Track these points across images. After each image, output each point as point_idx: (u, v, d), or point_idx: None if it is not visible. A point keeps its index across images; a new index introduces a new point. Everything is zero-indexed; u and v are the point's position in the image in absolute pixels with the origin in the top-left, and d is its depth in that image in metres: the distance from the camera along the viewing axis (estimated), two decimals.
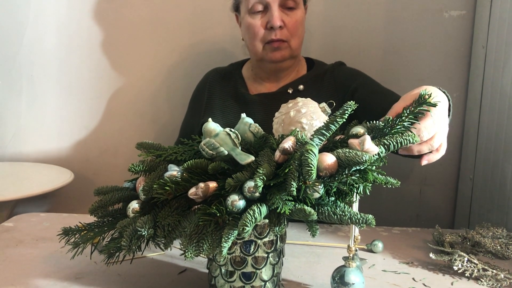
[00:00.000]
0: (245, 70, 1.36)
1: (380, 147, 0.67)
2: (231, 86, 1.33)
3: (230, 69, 1.37)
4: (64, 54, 1.68)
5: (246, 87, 1.32)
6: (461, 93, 1.57)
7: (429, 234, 1.09)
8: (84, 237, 0.77)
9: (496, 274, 0.86)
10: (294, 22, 1.20)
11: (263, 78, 1.31)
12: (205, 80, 1.38)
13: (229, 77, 1.35)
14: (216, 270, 0.75)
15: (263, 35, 1.20)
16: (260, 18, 1.20)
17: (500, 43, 1.34)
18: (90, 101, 1.70)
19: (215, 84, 1.35)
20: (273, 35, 1.18)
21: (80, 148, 1.73)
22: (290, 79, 1.29)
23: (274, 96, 1.26)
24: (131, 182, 0.82)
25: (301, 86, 1.26)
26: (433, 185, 1.63)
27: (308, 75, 1.29)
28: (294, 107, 0.77)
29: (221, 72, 1.37)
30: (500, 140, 1.32)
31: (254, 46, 1.22)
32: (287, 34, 1.19)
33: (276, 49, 1.20)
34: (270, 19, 1.17)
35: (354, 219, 0.64)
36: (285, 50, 1.21)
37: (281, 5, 1.18)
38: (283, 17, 1.18)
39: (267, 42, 1.20)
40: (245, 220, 0.61)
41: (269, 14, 1.18)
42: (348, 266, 0.76)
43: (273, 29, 1.18)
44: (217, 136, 0.72)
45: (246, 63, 1.38)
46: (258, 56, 1.24)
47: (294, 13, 1.20)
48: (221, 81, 1.35)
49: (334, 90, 1.23)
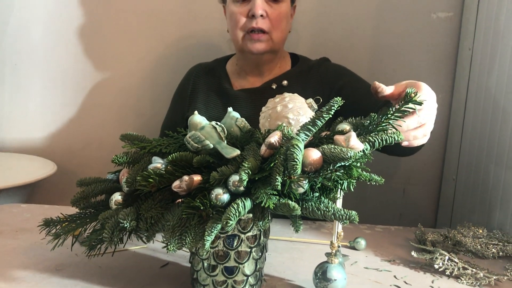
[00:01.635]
0: (230, 65, 1.36)
1: (365, 144, 0.67)
2: (215, 81, 1.32)
3: (214, 65, 1.37)
4: (50, 45, 1.65)
5: (230, 82, 1.32)
6: (446, 94, 1.59)
7: (411, 233, 1.10)
8: (65, 228, 0.76)
9: (476, 273, 0.87)
10: (277, 14, 1.20)
11: (247, 72, 1.30)
12: (189, 75, 1.37)
13: (213, 72, 1.35)
14: (199, 264, 0.75)
15: (244, 23, 1.20)
16: (243, 6, 1.20)
17: (485, 46, 1.36)
18: (75, 93, 1.68)
19: (199, 79, 1.34)
20: (254, 23, 1.18)
21: (64, 139, 1.71)
22: (273, 74, 1.29)
23: (257, 91, 1.26)
24: (114, 174, 0.81)
25: (285, 82, 1.26)
26: (417, 185, 1.65)
27: (293, 71, 1.29)
28: (281, 102, 0.77)
29: (205, 67, 1.37)
30: (484, 142, 1.34)
31: (235, 35, 1.22)
32: (268, 24, 1.19)
33: (256, 40, 1.20)
34: (252, 7, 1.18)
35: (337, 215, 0.65)
36: (266, 42, 1.21)
37: None
38: (266, 7, 1.19)
39: (248, 31, 1.20)
40: (228, 214, 0.61)
41: (252, 3, 1.18)
42: (331, 262, 0.77)
43: (254, 17, 1.18)
44: (203, 129, 0.71)
45: (231, 58, 1.38)
46: (238, 46, 1.24)
47: (278, 5, 1.20)
48: (205, 76, 1.34)
49: (320, 86, 1.23)
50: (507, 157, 1.20)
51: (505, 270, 0.92)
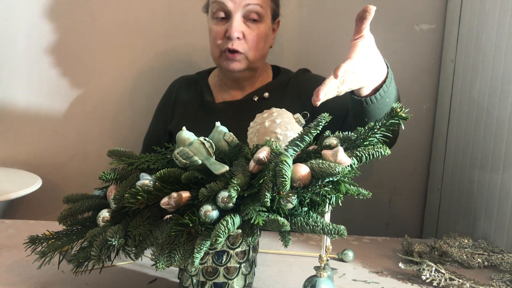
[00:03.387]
0: (212, 77, 1.36)
1: (352, 159, 0.68)
2: (197, 94, 1.32)
3: (196, 78, 1.37)
4: (33, 57, 1.63)
5: (212, 95, 1.31)
6: (430, 105, 1.61)
7: (398, 244, 1.10)
8: (52, 246, 0.75)
9: (462, 284, 0.88)
10: (254, 35, 1.19)
11: (228, 85, 1.30)
12: (172, 88, 1.37)
13: (195, 85, 1.35)
14: (188, 280, 0.74)
15: (221, 43, 1.20)
16: (221, 25, 1.19)
17: (468, 57, 1.38)
18: (60, 105, 1.66)
19: (182, 92, 1.34)
20: (229, 44, 1.18)
21: (49, 152, 1.69)
22: (255, 87, 1.29)
23: (239, 104, 1.27)
24: (101, 190, 0.81)
25: (266, 94, 1.26)
26: (403, 195, 1.67)
27: (273, 83, 1.30)
28: (269, 117, 0.77)
29: (188, 80, 1.37)
30: (467, 152, 1.36)
31: (213, 52, 1.23)
32: (244, 46, 1.19)
33: (232, 60, 1.20)
34: (229, 28, 1.17)
35: (326, 230, 0.65)
36: (241, 62, 1.20)
37: (244, 16, 1.18)
38: (244, 28, 1.18)
39: (224, 51, 1.20)
40: (218, 231, 0.61)
41: (229, 24, 1.18)
42: (319, 276, 0.77)
43: (230, 39, 1.17)
44: (191, 145, 0.71)
45: (214, 71, 1.38)
46: (216, 62, 1.25)
47: (257, 26, 1.19)
48: (187, 89, 1.34)
49: (298, 96, 1.24)
50: (491, 166, 1.22)
51: (491, 280, 0.93)
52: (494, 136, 1.22)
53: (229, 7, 1.17)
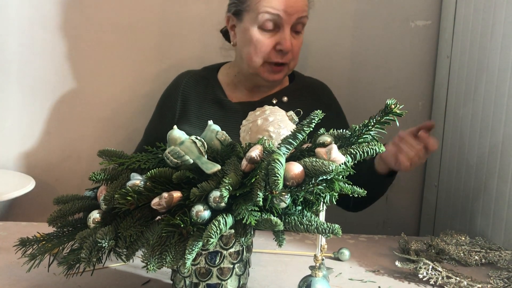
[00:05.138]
0: (223, 75, 1.30)
1: (346, 156, 0.67)
2: (209, 92, 1.27)
3: (205, 74, 1.31)
4: (26, 57, 1.62)
5: (225, 94, 1.26)
6: (426, 102, 1.60)
7: (395, 242, 1.09)
8: (42, 248, 0.74)
9: (460, 282, 0.87)
10: (298, 45, 1.18)
11: (246, 86, 1.26)
12: (177, 83, 1.30)
13: (205, 82, 1.28)
14: (180, 282, 0.73)
15: (269, 54, 1.15)
16: (270, 37, 1.14)
17: (463, 53, 1.37)
18: (53, 106, 1.64)
19: (190, 88, 1.28)
20: (279, 57, 1.15)
21: (42, 153, 1.67)
22: (272, 90, 1.26)
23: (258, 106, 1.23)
24: (92, 191, 0.79)
25: (285, 98, 1.24)
26: (399, 192, 1.65)
27: (291, 87, 1.28)
28: (262, 115, 0.76)
29: (195, 75, 1.30)
30: (464, 148, 1.35)
31: (253, 61, 1.16)
32: (290, 57, 1.16)
33: (275, 72, 1.17)
34: (282, 41, 1.13)
35: (320, 229, 0.64)
36: (283, 72, 1.19)
37: (291, 28, 1.15)
38: (291, 40, 1.15)
39: (270, 62, 1.16)
40: (210, 231, 0.60)
41: (281, 36, 1.13)
42: (315, 276, 0.76)
43: (282, 52, 1.14)
44: (182, 144, 0.70)
45: (223, 68, 1.32)
46: (253, 70, 1.18)
47: (299, 36, 1.18)
48: (195, 85, 1.28)
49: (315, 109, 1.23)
50: (487, 162, 1.22)
51: (488, 277, 0.92)
52: (491, 133, 1.21)
53: (283, 20, 1.12)
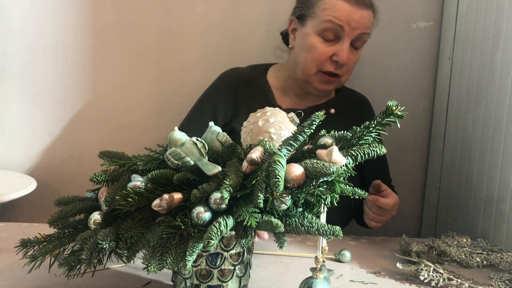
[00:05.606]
0: (273, 77, 1.28)
1: (347, 158, 0.67)
2: (260, 94, 1.25)
3: (254, 74, 1.28)
4: (27, 58, 1.62)
5: (274, 98, 1.25)
6: (428, 103, 1.60)
7: (396, 243, 1.09)
8: (43, 249, 0.74)
9: (461, 284, 0.87)
10: (354, 61, 1.18)
11: (296, 92, 1.25)
12: (230, 80, 1.27)
13: (255, 82, 1.26)
14: (181, 283, 0.73)
15: (324, 63, 1.15)
16: (328, 46, 1.14)
17: (465, 54, 1.37)
18: (54, 106, 1.65)
19: (242, 87, 1.25)
20: (333, 68, 1.15)
21: (44, 154, 1.67)
22: (320, 100, 1.27)
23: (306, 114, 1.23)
24: (93, 192, 0.80)
25: (333, 110, 1.26)
26: (401, 193, 1.64)
27: (338, 99, 1.29)
28: (263, 117, 0.76)
29: (246, 75, 1.27)
30: (465, 150, 1.35)
31: (307, 68, 1.17)
32: (344, 70, 1.17)
33: (327, 82, 1.17)
34: (340, 53, 1.13)
35: (321, 231, 0.64)
36: (335, 84, 1.19)
37: (351, 42, 1.15)
38: (349, 54, 1.15)
39: (323, 71, 1.16)
40: (210, 233, 0.59)
41: (339, 47, 1.13)
42: (316, 278, 0.76)
43: (337, 63, 1.14)
44: (183, 146, 0.70)
45: (273, 70, 1.30)
46: (305, 76, 1.18)
47: (357, 52, 1.18)
48: (246, 84, 1.25)
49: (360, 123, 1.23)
50: (489, 164, 1.21)
51: (490, 279, 0.92)
52: (492, 134, 1.20)
53: (345, 32, 1.12)
